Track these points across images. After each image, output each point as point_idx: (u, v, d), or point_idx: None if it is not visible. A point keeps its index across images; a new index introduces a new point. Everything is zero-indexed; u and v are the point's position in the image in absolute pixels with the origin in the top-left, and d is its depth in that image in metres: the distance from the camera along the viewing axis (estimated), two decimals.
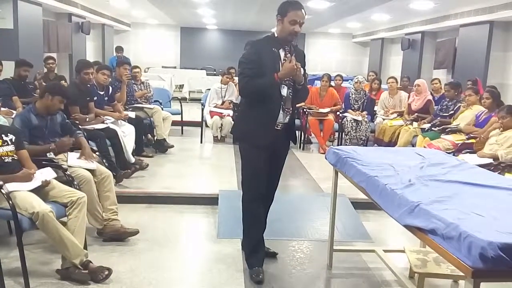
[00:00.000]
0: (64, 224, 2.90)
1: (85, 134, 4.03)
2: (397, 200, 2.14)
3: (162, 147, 6.45)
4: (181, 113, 7.91)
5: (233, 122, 7.23)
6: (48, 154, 3.41)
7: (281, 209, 3.95)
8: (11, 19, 8.27)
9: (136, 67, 7.22)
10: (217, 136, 7.48)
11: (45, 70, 7.19)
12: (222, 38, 18.68)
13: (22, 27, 8.39)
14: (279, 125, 2.98)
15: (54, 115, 3.61)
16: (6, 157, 2.97)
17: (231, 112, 7.35)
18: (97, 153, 4.13)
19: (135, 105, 6.47)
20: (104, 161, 4.15)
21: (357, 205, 4.37)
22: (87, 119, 4.79)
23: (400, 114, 7.02)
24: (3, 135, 3.01)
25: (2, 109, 4.92)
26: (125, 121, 5.50)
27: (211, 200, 4.45)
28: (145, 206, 4.36)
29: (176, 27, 17.97)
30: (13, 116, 4.65)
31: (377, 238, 3.83)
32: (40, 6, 9.15)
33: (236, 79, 8.20)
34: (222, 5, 11.27)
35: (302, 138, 7.44)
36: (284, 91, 2.93)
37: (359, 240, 3.78)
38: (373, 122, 7.20)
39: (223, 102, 7.67)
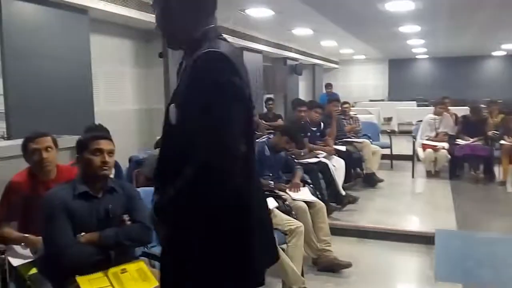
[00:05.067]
0: (283, 250, 3.14)
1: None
2: None
3: (371, 181, 6.41)
4: (390, 147, 7.74)
5: (449, 156, 6.74)
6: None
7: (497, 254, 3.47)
8: None
9: (346, 102, 7.44)
10: (430, 171, 7.04)
11: (265, 110, 8.01)
12: (434, 67, 17.72)
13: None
14: None
15: (279, 152, 4.05)
16: None
17: (446, 145, 6.85)
18: (311, 185, 4.37)
19: (345, 139, 6.64)
20: (317, 193, 4.35)
21: None
22: (302, 154, 5.13)
23: None
24: None
25: None
26: (335, 155, 5.68)
27: (425, 239, 4.18)
28: (356, 239, 4.38)
29: (383, 60, 17.87)
30: None
31: None
32: (260, 54, 10.34)
33: (451, 109, 7.67)
34: (433, 33, 10.76)
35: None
36: None
37: None
38: None
39: (436, 134, 7.21)
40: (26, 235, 2.47)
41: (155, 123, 5.13)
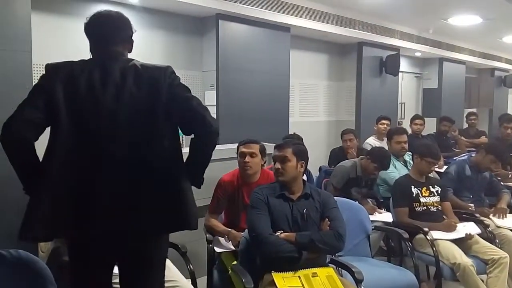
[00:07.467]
0: (482, 281, 2.83)
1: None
2: None
3: None
4: None
5: None
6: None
7: None
8: (436, 79, 9.00)
9: None
10: None
11: (466, 125, 7.32)
12: None
13: (445, 85, 8.96)
14: None
15: (484, 172, 3.69)
16: (432, 207, 3.22)
17: None
18: None
19: None
20: None
21: None
22: (510, 176, 4.53)
23: None
24: (430, 186, 3.29)
25: None
26: None
27: None
28: None
29: None
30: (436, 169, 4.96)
31: None
32: (463, 64, 9.51)
33: None
34: None
35: None
36: None
37: None
38: None
39: None
40: (230, 229, 2.78)
41: None
